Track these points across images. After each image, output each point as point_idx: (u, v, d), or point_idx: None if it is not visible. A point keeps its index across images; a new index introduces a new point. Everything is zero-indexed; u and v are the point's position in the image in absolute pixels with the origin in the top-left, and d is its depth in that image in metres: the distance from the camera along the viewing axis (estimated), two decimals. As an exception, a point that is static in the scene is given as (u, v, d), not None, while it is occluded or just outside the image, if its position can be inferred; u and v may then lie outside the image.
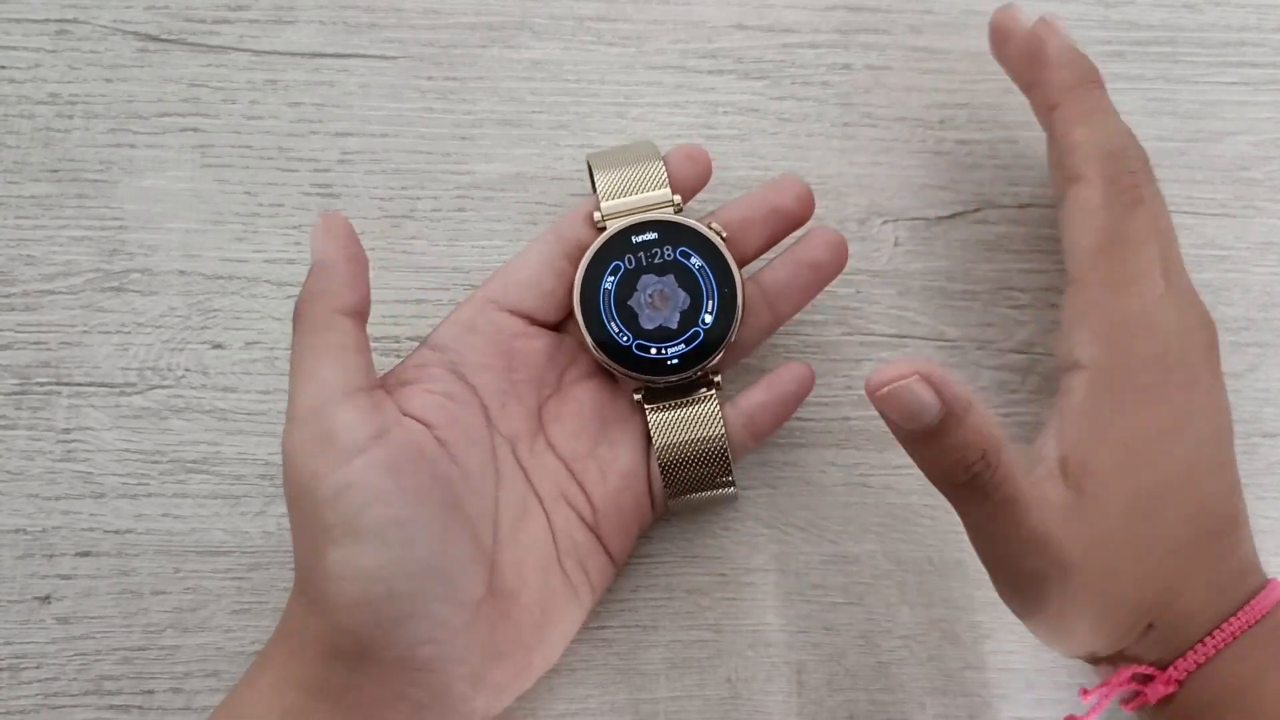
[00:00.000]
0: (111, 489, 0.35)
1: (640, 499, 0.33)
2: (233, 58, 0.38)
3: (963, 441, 0.25)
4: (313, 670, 0.28)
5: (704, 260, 0.32)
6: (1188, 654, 0.27)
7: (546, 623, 0.31)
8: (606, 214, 0.32)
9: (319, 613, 0.28)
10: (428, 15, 0.38)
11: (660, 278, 0.32)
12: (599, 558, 0.33)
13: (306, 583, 0.28)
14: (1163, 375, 0.28)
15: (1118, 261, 0.29)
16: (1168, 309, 0.28)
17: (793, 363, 0.34)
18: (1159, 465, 0.27)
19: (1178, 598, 0.27)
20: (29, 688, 0.33)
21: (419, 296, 0.36)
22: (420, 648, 0.28)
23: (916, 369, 0.24)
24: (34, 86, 0.37)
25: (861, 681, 0.34)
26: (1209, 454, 0.28)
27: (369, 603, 0.27)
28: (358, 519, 0.27)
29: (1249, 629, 0.27)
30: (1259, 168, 0.38)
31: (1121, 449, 0.27)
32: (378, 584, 0.27)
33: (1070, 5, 0.39)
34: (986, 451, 0.25)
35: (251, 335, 0.36)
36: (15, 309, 0.36)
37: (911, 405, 0.25)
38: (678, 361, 0.32)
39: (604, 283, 0.32)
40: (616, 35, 0.39)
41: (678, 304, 0.32)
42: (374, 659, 0.27)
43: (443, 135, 0.37)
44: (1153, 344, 0.28)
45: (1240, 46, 0.39)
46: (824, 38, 0.39)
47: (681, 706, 0.34)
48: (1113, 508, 0.27)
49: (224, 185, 0.37)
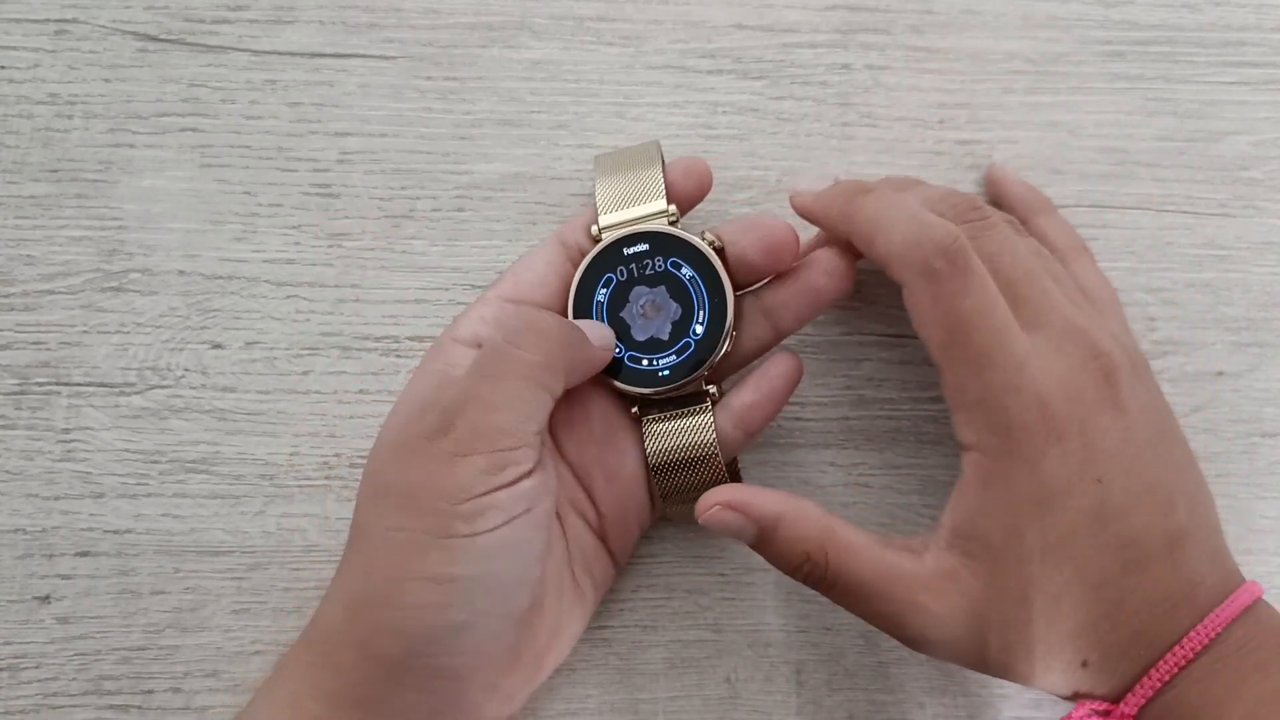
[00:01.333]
0: (111, 489, 0.35)
1: (642, 503, 0.33)
2: (232, 58, 0.38)
3: (780, 551, 0.29)
4: (346, 678, 0.28)
5: (695, 271, 0.32)
6: (1135, 687, 0.27)
7: (559, 629, 0.31)
8: (604, 226, 0.33)
9: (372, 615, 0.27)
10: (427, 15, 0.38)
11: (652, 289, 0.32)
12: (603, 561, 0.33)
13: (375, 584, 0.28)
14: (1048, 431, 0.27)
15: (963, 346, 0.28)
16: (1038, 362, 0.28)
17: (779, 354, 0.33)
18: (1055, 518, 0.27)
19: (1109, 632, 0.27)
20: (29, 688, 0.33)
21: (419, 296, 0.36)
22: (459, 657, 0.28)
23: (720, 499, 0.29)
24: (33, 86, 0.37)
25: (861, 681, 0.34)
26: (1126, 487, 0.27)
27: (443, 608, 0.27)
28: (487, 536, 0.27)
29: (1208, 649, 0.26)
30: (1259, 167, 0.38)
31: (1009, 513, 0.27)
32: (463, 594, 0.27)
33: (1070, 5, 0.39)
34: (810, 553, 0.28)
35: (251, 335, 0.36)
36: (15, 309, 0.36)
37: (727, 529, 0.29)
38: (668, 373, 0.32)
39: (597, 294, 0.32)
40: (616, 35, 0.39)
41: (669, 314, 0.32)
42: (410, 666, 0.27)
43: (442, 135, 0.37)
44: (1026, 407, 0.27)
45: (1240, 46, 0.39)
46: (823, 38, 0.39)
47: (681, 706, 0.34)
48: (1005, 566, 0.27)
49: (223, 185, 0.37)
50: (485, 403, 0.28)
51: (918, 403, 0.36)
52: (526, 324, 0.29)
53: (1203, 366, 0.36)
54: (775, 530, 0.29)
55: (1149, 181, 0.38)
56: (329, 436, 0.35)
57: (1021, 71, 0.38)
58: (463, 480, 0.27)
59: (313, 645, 0.29)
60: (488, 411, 0.28)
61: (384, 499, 0.28)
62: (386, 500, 0.28)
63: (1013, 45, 0.39)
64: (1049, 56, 0.39)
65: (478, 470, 0.27)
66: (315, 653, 0.28)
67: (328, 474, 0.35)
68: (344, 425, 0.35)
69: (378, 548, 0.28)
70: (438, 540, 0.27)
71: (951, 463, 0.35)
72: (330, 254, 0.36)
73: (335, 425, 0.35)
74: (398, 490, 0.28)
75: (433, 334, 0.36)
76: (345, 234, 0.37)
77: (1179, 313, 0.37)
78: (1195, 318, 0.37)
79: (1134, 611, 0.27)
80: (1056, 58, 0.39)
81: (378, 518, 0.28)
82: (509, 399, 0.28)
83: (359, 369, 0.36)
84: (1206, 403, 0.36)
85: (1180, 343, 0.37)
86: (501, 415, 0.28)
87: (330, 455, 0.35)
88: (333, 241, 0.37)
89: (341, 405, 0.35)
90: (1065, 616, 0.27)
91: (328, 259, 0.36)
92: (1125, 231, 0.37)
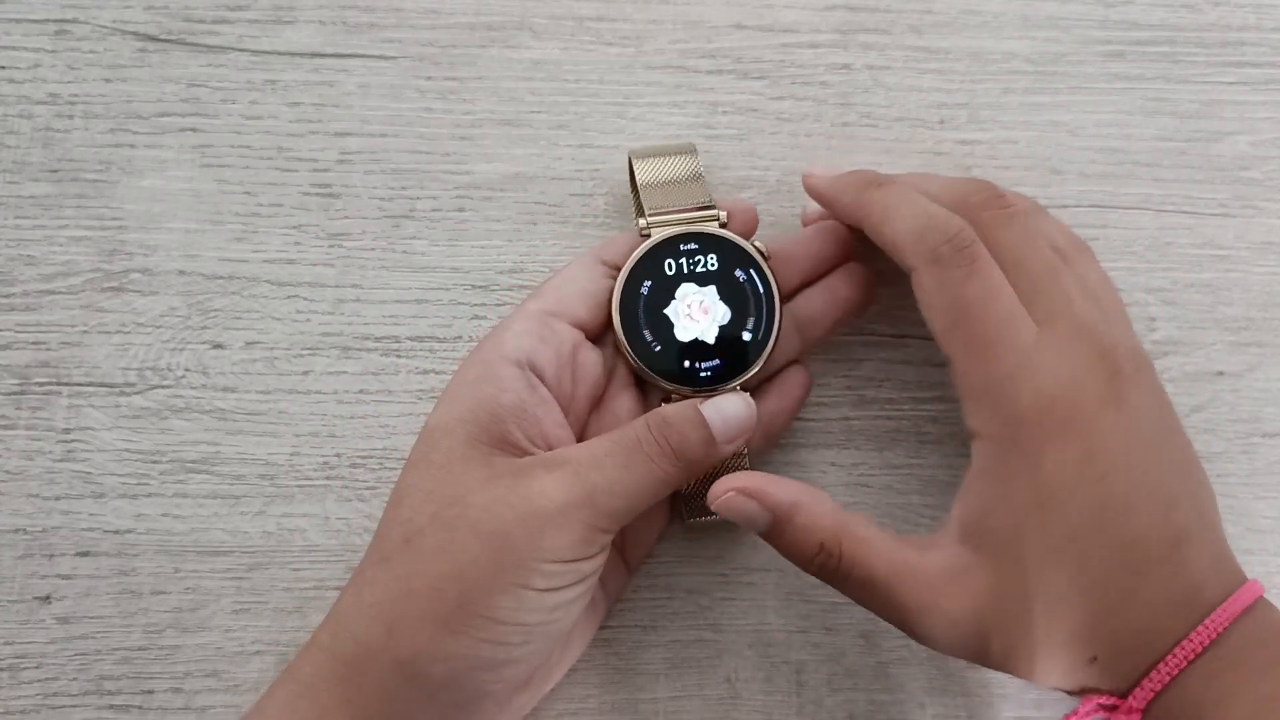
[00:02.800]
0: (111, 489, 0.35)
1: (662, 511, 0.33)
2: (232, 58, 0.38)
3: (794, 540, 0.29)
4: (382, 695, 0.27)
5: (749, 275, 0.32)
6: (1143, 682, 0.27)
7: (570, 643, 0.32)
8: (652, 223, 0.33)
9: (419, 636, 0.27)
10: (427, 15, 0.38)
11: (701, 287, 0.32)
12: (619, 571, 0.33)
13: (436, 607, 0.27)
14: (1052, 427, 0.27)
15: (969, 333, 0.28)
16: (1045, 356, 0.28)
17: (793, 368, 0.34)
18: (1057, 517, 0.27)
19: (1115, 630, 0.27)
20: (29, 688, 0.33)
21: (419, 296, 0.36)
22: (497, 685, 0.28)
23: (736, 485, 0.29)
24: (34, 86, 0.37)
25: (861, 681, 0.34)
26: (1128, 487, 0.27)
27: (500, 645, 0.27)
28: (554, 594, 0.28)
29: (1212, 646, 0.26)
30: (1258, 167, 0.38)
31: (1013, 511, 0.27)
32: (521, 636, 0.28)
33: (1070, 5, 0.39)
34: (824, 544, 0.28)
35: (251, 335, 0.36)
36: (15, 309, 0.36)
37: (742, 515, 0.29)
38: (709, 375, 0.32)
39: (641, 287, 0.32)
40: (616, 35, 0.39)
41: (717, 318, 0.32)
42: (450, 687, 0.27)
43: (442, 135, 0.37)
44: (1032, 400, 0.27)
45: (1240, 46, 0.39)
46: (823, 37, 0.39)
47: (681, 706, 0.34)
48: (1009, 564, 0.27)
49: (223, 185, 0.37)
50: (615, 493, 0.28)
51: (918, 403, 0.36)
52: (679, 429, 0.29)
53: (1203, 366, 0.36)
54: (790, 520, 0.29)
55: (1149, 181, 0.38)
56: (329, 437, 0.35)
57: (1021, 71, 0.39)
58: (562, 545, 0.27)
59: (345, 659, 0.28)
60: (613, 499, 0.28)
61: (459, 520, 0.28)
62: (462, 522, 0.28)
63: (1012, 45, 0.39)
64: (1049, 56, 0.39)
65: (576, 539, 0.28)
66: (348, 666, 0.27)
67: (328, 474, 0.35)
68: (344, 425, 0.35)
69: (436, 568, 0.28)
70: (513, 588, 0.27)
71: (952, 463, 0.35)
72: (330, 254, 0.36)
73: (335, 425, 0.35)
74: (489, 525, 0.27)
75: (433, 334, 0.36)
76: (345, 234, 0.37)
77: (1179, 313, 0.37)
78: (1195, 318, 0.37)
79: (1138, 611, 0.27)
80: (1056, 58, 0.39)
81: (449, 536, 0.28)
82: (638, 500, 0.29)
83: (359, 369, 0.36)
84: (1206, 403, 0.36)
85: (1180, 343, 0.37)
86: (622, 505, 0.28)
87: (331, 455, 0.35)
88: (333, 241, 0.37)
89: (342, 405, 0.35)
90: (1069, 615, 0.27)
91: (328, 259, 0.36)
92: (1125, 231, 0.37)
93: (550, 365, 0.31)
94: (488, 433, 0.29)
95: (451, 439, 0.29)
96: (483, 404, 0.29)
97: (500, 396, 0.29)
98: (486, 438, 0.29)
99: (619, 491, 0.28)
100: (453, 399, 0.30)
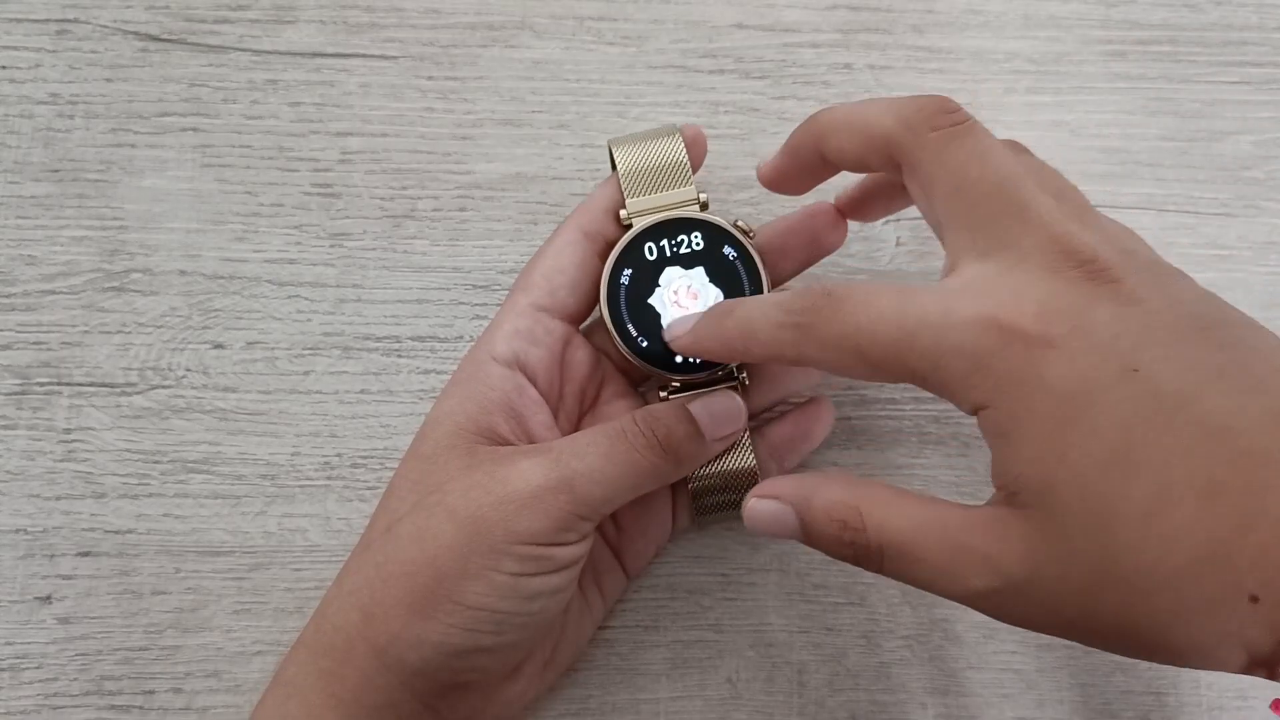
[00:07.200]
0: (112, 489, 0.35)
1: (663, 520, 0.33)
2: (233, 58, 0.38)
3: (817, 521, 0.26)
4: (362, 685, 0.27)
5: (738, 253, 0.31)
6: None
7: (564, 641, 0.32)
8: (632, 213, 0.32)
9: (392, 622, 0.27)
10: (428, 15, 0.38)
11: (688, 270, 0.31)
12: (616, 574, 0.33)
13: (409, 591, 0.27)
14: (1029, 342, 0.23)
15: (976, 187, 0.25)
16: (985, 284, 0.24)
17: (818, 401, 0.34)
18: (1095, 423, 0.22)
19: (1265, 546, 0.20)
20: (29, 688, 0.33)
21: (420, 296, 0.36)
22: (472, 674, 0.28)
23: (753, 492, 0.27)
24: (34, 86, 0.37)
25: (863, 682, 0.34)
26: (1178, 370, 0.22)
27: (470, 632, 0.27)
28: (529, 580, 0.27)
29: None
30: (1260, 167, 0.38)
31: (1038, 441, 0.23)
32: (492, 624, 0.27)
33: (1070, 4, 0.39)
34: (846, 520, 0.25)
35: (252, 335, 0.36)
36: (16, 309, 0.36)
37: (770, 520, 0.27)
38: (702, 360, 0.31)
39: (623, 278, 0.31)
40: (617, 35, 0.38)
41: (708, 301, 0.31)
42: (425, 675, 0.27)
43: (443, 135, 0.37)
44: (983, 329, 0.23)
45: (1242, 46, 0.39)
46: (825, 37, 0.39)
47: (682, 706, 0.34)
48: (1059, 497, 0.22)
49: (224, 185, 0.37)
50: (595, 480, 0.28)
51: (919, 403, 0.36)
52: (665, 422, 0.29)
53: (1204, 366, 0.36)
54: (810, 504, 0.26)
55: (1151, 181, 0.38)
56: (330, 437, 0.35)
57: (1023, 71, 0.38)
58: (536, 528, 0.27)
59: (327, 651, 0.28)
60: (592, 486, 0.28)
61: (437, 506, 0.28)
62: (439, 508, 0.28)
63: (1014, 45, 0.39)
64: (1050, 56, 0.39)
65: (551, 523, 0.27)
66: (330, 658, 0.28)
67: (329, 474, 0.35)
68: (345, 425, 0.35)
69: (411, 553, 0.28)
70: (484, 572, 0.27)
71: (953, 463, 0.35)
72: (331, 254, 0.36)
73: (336, 425, 0.35)
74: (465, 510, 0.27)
75: (434, 334, 0.36)
76: (346, 234, 0.37)
77: (1181, 312, 0.37)
78: (1197, 317, 0.37)
79: (1271, 528, 0.20)
80: (1058, 57, 0.39)
81: (425, 521, 0.28)
82: (618, 488, 0.28)
83: (360, 369, 0.36)
84: (1208, 403, 0.36)
85: (1182, 342, 0.37)
86: (601, 493, 0.28)
87: (332, 455, 0.35)
88: (334, 241, 0.36)
89: (343, 405, 0.35)
90: (1177, 536, 0.21)
91: (329, 259, 0.36)
92: (1127, 231, 0.37)
93: (542, 366, 0.31)
94: (475, 423, 0.29)
95: (439, 430, 0.29)
96: (471, 398, 0.30)
97: (489, 393, 0.30)
98: (474, 427, 0.29)
99: (599, 479, 0.28)
100: (444, 396, 0.31)
